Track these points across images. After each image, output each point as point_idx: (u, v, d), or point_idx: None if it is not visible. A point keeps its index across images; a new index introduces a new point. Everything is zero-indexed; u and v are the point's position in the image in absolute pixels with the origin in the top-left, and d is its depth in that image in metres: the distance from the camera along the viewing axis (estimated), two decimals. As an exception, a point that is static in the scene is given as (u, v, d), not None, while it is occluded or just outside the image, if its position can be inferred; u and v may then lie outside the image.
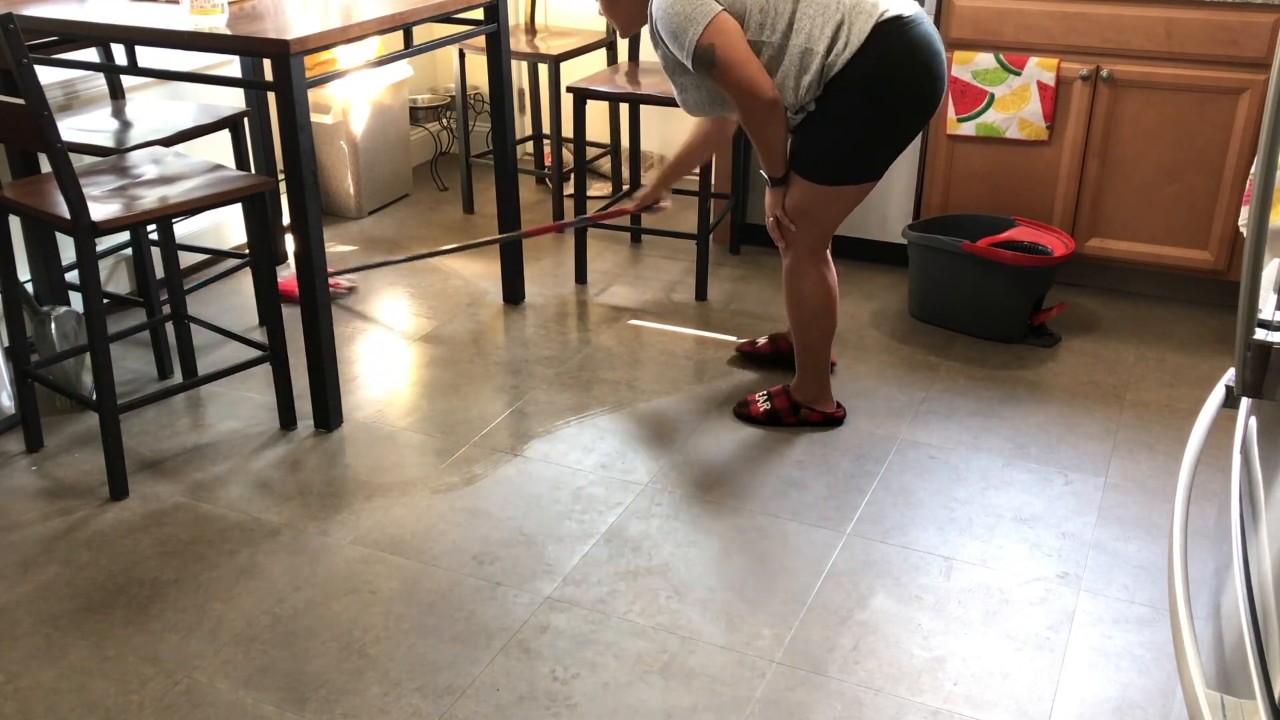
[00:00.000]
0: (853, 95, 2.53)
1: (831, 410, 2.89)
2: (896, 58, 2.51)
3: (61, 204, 2.42)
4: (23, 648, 2.13)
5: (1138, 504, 2.56)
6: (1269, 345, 1.25)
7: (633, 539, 2.44)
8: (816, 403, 2.88)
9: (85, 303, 2.42)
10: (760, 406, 2.89)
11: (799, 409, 2.88)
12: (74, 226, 2.37)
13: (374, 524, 2.49)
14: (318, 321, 2.76)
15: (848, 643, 2.15)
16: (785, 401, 2.89)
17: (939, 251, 3.31)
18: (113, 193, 2.53)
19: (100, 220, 2.38)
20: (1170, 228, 3.41)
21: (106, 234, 2.43)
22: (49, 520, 2.50)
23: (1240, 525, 1.31)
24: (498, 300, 3.59)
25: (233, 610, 2.23)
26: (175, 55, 3.43)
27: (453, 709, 1.99)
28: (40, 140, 2.32)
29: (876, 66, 2.50)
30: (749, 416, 2.90)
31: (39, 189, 2.57)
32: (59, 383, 2.78)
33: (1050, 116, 3.40)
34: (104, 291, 3.25)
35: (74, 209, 2.35)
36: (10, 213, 2.55)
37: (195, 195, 2.53)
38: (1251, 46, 3.14)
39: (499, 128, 3.34)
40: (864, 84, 2.51)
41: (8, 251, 2.61)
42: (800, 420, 2.88)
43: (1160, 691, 2.04)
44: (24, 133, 2.36)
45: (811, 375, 2.87)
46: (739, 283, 3.71)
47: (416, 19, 2.86)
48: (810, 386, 2.88)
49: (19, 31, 2.24)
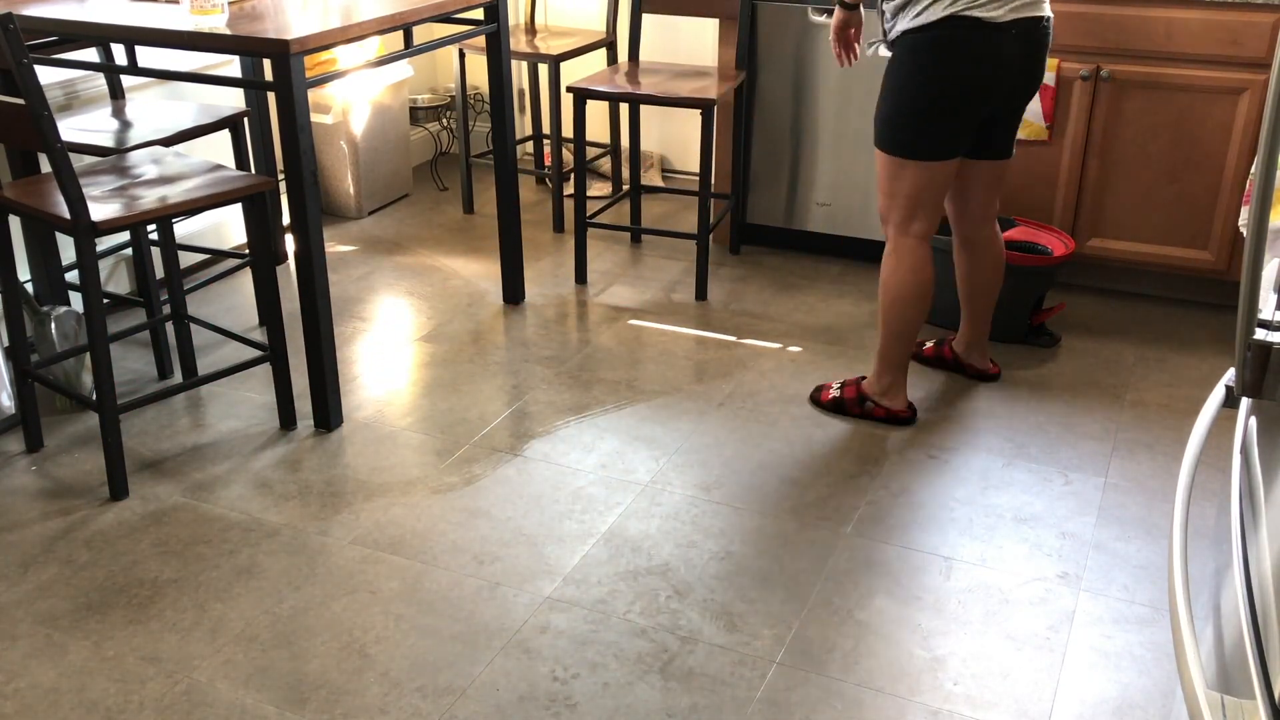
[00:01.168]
0: (904, 64, 2.57)
1: (899, 409, 2.83)
2: (946, 53, 2.51)
3: (61, 203, 2.42)
4: (23, 648, 2.13)
5: (1138, 504, 2.56)
6: (1269, 345, 1.25)
7: (633, 539, 2.44)
8: (884, 397, 2.83)
9: (85, 302, 2.42)
10: (831, 393, 2.91)
11: (865, 401, 2.85)
12: (74, 226, 2.37)
13: (374, 524, 2.49)
14: (318, 321, 2.76)
15: (848, 643, 2.15)
16: (854, 391, 2.87)
17: (939, 251, 3.30)
18: (113, 192, 2.53)
19: (100, 220, 2.38)
20: (1170, 228, 3.41)
21: (106, 234, 2.43)
22: (49, 520, 2.50)
23: (1240, 525, 1.31)
24: (498, 300, 3.59)
25: (233, 610, 2.23)
26: (175, 55, 3.43)
27: (453, 709, 1.99)
28: (40, 140, 2.32)
29: (932, 46, 2.50)
30: (818, 401, 2.93)
31: (39, 189, 2.57)
32: (59, 383, 2.78)
33: (1050, 116, 3.40)
34: (104, 291, 3.25)
35: (74, 209, 2.35)
36: (10, 213, 2.55)
37: (195, 195, 2.53)
38: (1251, 46, 3.14)
39: (499, 128, 3.34)
40: (915, 57, 2.54)
41: (8, 251, 2.61)
42: (864, 414, 2.85)
43: (1160, 691, 2.04)
44: (24, 133, 2.36)
45: (885, 366, 2.80)
46: (739, 283, 3.71)
47: (416, 19, 2.86)
48: (882, 378, 2.83)
49: (19, 31, 2.24)
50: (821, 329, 3.38)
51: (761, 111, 3.77)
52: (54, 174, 2.34)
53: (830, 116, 3.68)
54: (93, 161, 2.72)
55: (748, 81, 3.75)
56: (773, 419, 2.90)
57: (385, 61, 2.94)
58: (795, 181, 3.81)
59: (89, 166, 2.68)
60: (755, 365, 3.17)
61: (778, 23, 3.64)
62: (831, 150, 3.72)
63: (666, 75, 3.72)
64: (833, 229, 3.82)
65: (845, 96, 3.64)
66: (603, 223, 3.76)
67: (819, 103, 3.68)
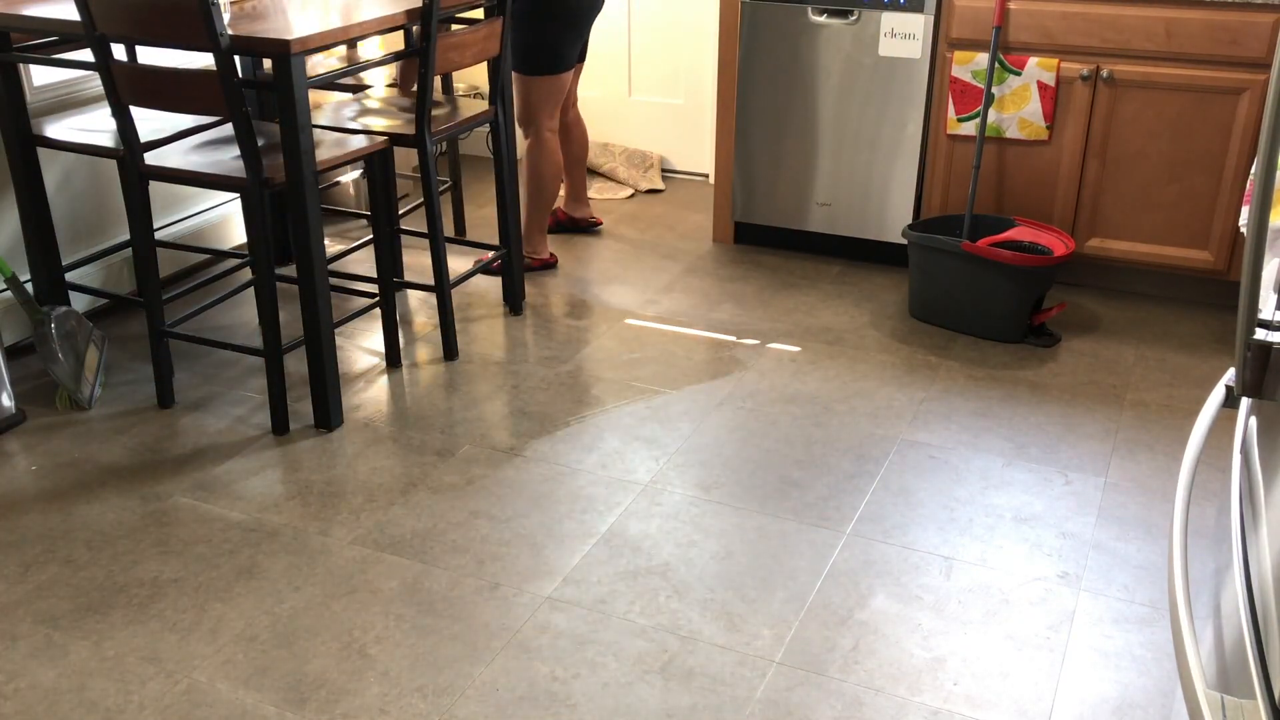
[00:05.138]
0: (538, 7, 3.46)
1: (546, 257, 3.76)
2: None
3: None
4: (23, 648, 2.13)
5: (1138, 504, 2.57)
6: (1269, 345, 1.25)
7: (633, 539, 2.44)
8: (536, 253, 3.73)
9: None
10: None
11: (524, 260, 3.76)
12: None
13: (374, 524, 2.49)
14: (318, 321, 2.76)
15: (848, 643, 2.15)
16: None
17: (939, 251, 3.31)
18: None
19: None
20: (1170, 228, 3.41)
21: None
22: (49, 520, 2.50)
23: (1240, 525, 1.31)
24: (497, 300, 3.59)
25: (233, 610, 2.23)
26: (175, 55, 3.43)
27: (453, 709, 1.99)
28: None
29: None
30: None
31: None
32: (62, 381, 2.78)
33: (1050, 116, 3.40)
34: (104, 292, 3.25)
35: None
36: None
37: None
38: (1251, 46, 3.14)
39: (498, 127, 3.33)
40: (548, 4, 3.46)
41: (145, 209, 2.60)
42: (527, 269, 3.75)
43: (1160, 691, 2.04)
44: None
45: (535, 230, 3.73)
46: (739, 282, 3.71)
47: (416, 19, 2.86)
48: (533, 239, 3.73)
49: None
50: (821, 329, 3.38)
51: (761, 111, 3.77)
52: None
53: (830, 117, 3.68)
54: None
55: (748, 81, 3.74)
56: (773, 419, 2.90)
57: (385, 61, 2.94)
58: (795, 181, 3.81)
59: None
60: (755, 365, 3.17)
61: (777, 23, 3.64)
62: (831, 150, 3.72)
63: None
64: (833, 229, 3.82)
65: (845, 97, 3.64)
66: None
67: (819, 103, 3.68)
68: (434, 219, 3.09)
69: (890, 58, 3.53)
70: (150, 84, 2.58)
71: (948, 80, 3.48)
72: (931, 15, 3.44)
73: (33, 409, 2.93)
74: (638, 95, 4.73)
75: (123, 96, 2.62)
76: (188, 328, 3.36)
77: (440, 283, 3.16)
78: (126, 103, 2.64)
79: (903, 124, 3.59)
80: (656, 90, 4.69)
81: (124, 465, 2.70)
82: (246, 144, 2.55)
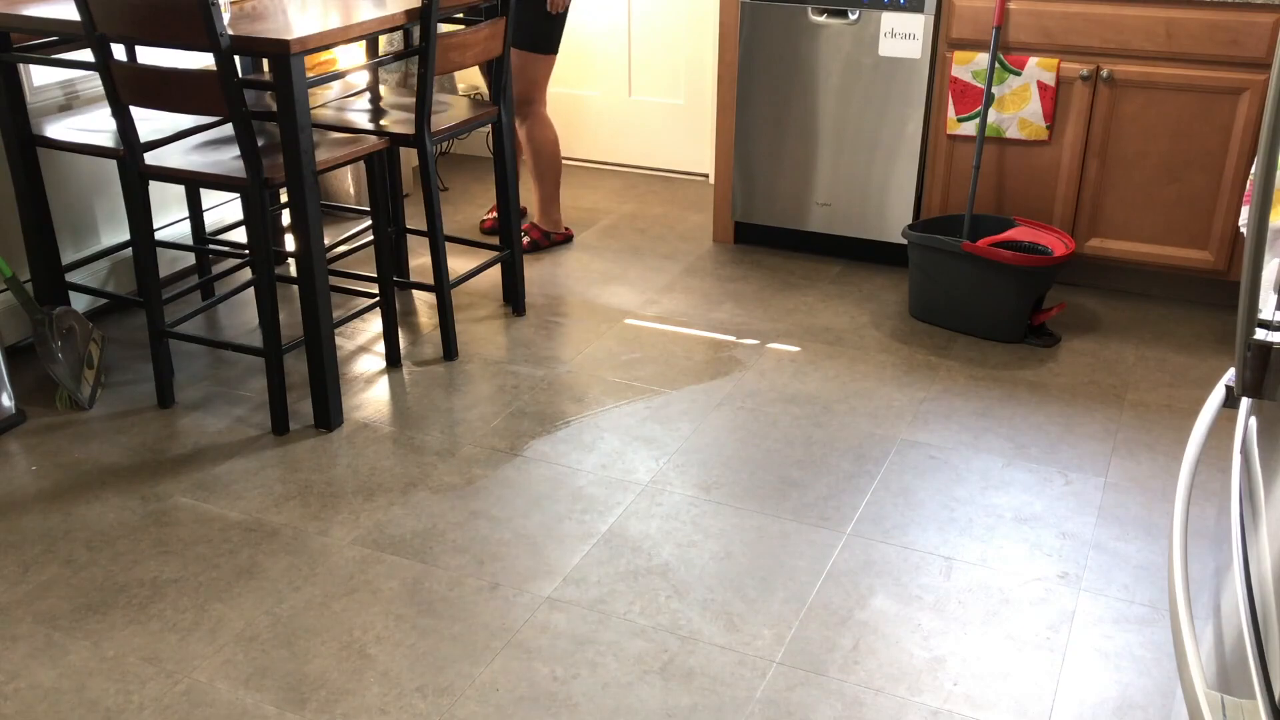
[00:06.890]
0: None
1: (566, 231, 3.97)
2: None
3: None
4: (23, 648, 2.13)
5: (1138, 504, 2.56)
6: (1269, 345, 1.25)
7: (633, 539, 2.44)
8: (556, 227, 3.94)
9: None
10: (525, 242, 3.80)
11: (549, 235, 3.95)
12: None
13: (374, 524, 2.49)
14: (318, 321, 2.76)
15: (848, 643, 2.15)
16: (538, 233, 3.91)
17: (939, 251, 3.31)
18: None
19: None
20: (1170, 228, 3.41)
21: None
22: (49, 520, 2.50)
23: (1240, 525, 1.31)
24: (497, 300, 3.59)
25: (233, 610, 2.23)
26: (175, 55, 3.43)
27: (453, 709, 1.99)
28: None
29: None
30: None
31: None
32: (62, 381, 2.78)
33: (1050, 116, 3.40)
34: (104, 292, 3.25)
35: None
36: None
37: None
38: (1251, 46, 3.14)
39: (498, 127, 3.33)
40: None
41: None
42: (550, 244, 3.95)
43: (1160, 691, 2.04)
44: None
45: (551, 205, 3.91)
46: (739, 282, 3.71)
47: (416, 19, 2.86)
48: (551, 215, 3.92)
49: None
50: (821, 329, 3.38)
51: (761, 112, 3.77)
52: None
53: (830, 117, 3.68)
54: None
55: (748, 82, 3.74)
56: (773, 419, 2.90)
57: (385, 61, 2.94)
58: (795, 181, 3.81)
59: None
60: (755, 365, 3.17)
61: (777, 23, 3.64)
62: (832, 150, 3.72)
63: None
64: (833, 229, 3.82)
65: (845, 97, 3.64)
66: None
67: (819, 103, 3.68)
68: (434, 219, 3.09)
69: (890, 58, 3.54)
70: (150, 84, 2.58)
71: (948, 80, 3.48)
72: (931, 15, 3.44)
73: (33, 409, 2.94)
74: (638, 95, 4.73)
75: (123, 96, 2.63)
76: (188, 328, 3.36)
77: (440, 283, 3.16)
78: (126, 103, 2.64)
79: (903, 124, 3.59)
80: (656, 90, 4.69)
81: (124, 465, 2.70)
82: (246, 144, 2.56)
